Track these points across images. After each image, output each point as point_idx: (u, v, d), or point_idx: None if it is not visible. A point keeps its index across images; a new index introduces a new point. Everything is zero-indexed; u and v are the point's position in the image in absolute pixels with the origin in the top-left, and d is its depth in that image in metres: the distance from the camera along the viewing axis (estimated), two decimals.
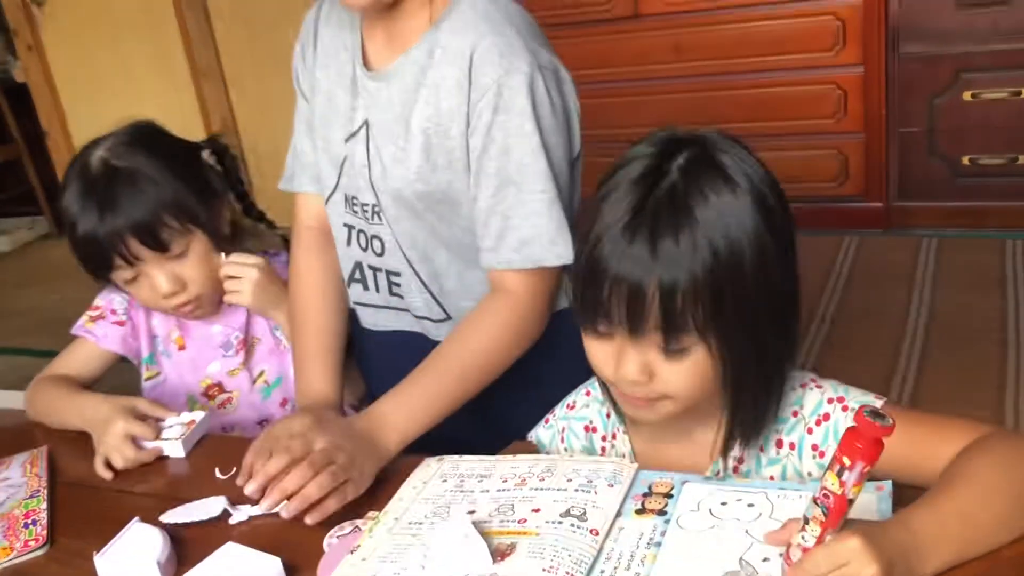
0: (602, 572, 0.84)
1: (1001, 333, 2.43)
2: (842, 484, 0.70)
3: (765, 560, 0.81)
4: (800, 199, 3.25)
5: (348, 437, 1.04)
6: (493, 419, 1.17)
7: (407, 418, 1.09)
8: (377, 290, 1.28)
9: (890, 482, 0.87)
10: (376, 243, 1.25)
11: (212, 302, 1.37)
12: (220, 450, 1.19)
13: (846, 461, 0.70)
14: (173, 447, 1.19)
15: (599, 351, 0.91)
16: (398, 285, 1.26)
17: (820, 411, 0.93)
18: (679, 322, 0.84)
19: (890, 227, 3.16)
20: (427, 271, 1.22)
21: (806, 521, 0.74)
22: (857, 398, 0.93)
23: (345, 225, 1.28)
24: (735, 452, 0.95)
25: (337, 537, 0.97)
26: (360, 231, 1.26)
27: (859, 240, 3.13)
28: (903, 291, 2.75)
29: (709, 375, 0.88)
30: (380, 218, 1.22)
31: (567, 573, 0.83)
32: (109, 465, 1.18)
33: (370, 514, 0.99)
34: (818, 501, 0.73)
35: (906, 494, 0.85)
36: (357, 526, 0.98)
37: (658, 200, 0.84)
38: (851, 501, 0.71)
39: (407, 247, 1.22)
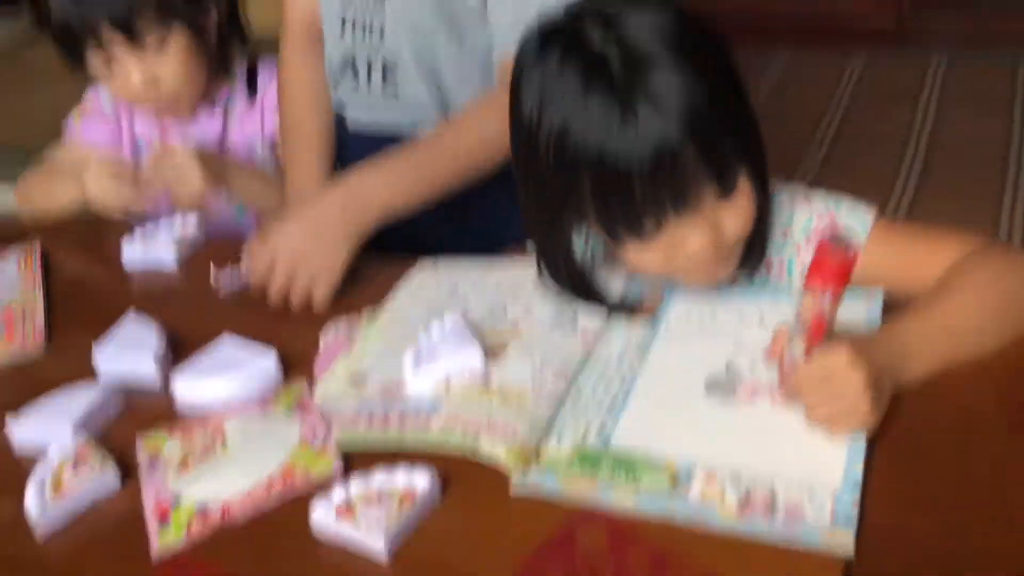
0: (591, 372, 0.86)
1: (1004, 152, 2.39)
2: (818, 307, 0.70)
3: (752, 366, 0.82)
4: (810, 16, 3.12)
5: (313, 234, 1.02)
6: (476, 228, 1.16)
7: (393, 193, 1.04)
8: (369, 83, 1.23)
9: (880, 292, 0.87)
10: (375, 31, 1.19)
11: (189, 105, 1.33)
12: (214, 254, 1.18)
13: (816, 288, 0.69)
14: (165, 253, 1.18)
15: (647, 256, 0.83)
16: (394, 74, 1.21)
17: (809, 229, 0.91)
18: (717, 157, 0.79)
19: (901, 44, 3.05)
20: (426, 59, 1.17)
21: (792, 337, 0.74)
22: (848, 211, 0.91)
23: (340, 17, 1.22)
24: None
25: (332, 334, 0.98)
26: (354, 20, 1.20)
27: (866, 59, 3.03)
28: (907, 112, 2.69)
29: (754, 200, 0.84)
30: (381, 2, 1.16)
31: (555, 373, 0.84)
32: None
33: (365, 312, 1.00)
34: (798, 321, 0.73)
35: (897, 305, 0.85)
36: (351, 324, 0.98)
37: (616, 77, 0.77)
38: (831, 320, 0.71)
39: (406, 31, 1.16)
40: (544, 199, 0.86)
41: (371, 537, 0.70)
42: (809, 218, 0.92)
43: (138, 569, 0.72)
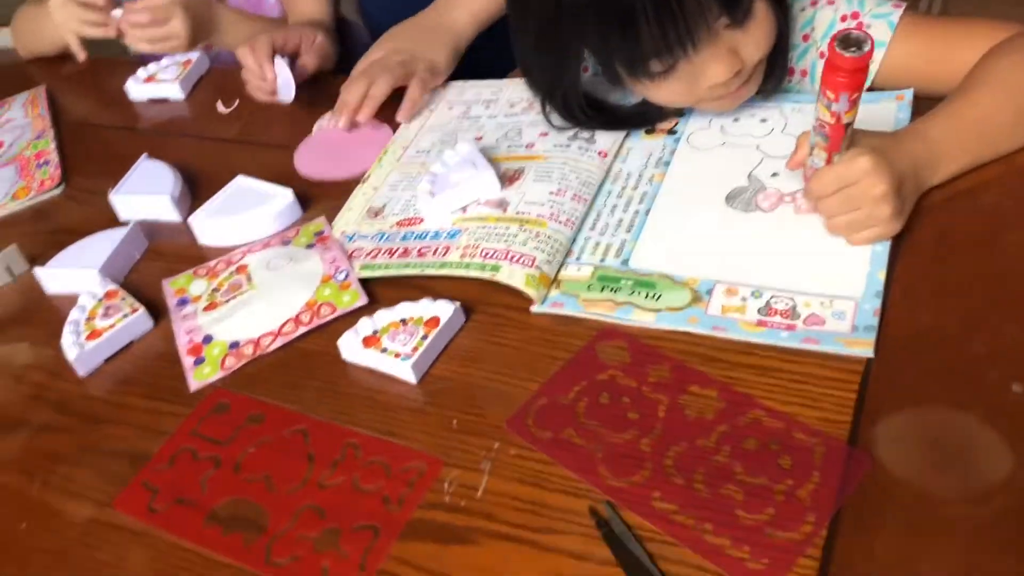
0: (609, 192, 0.84)
1: None
2: (833, 115, 0.67)
3: (774, 175, 0.80)
4: None
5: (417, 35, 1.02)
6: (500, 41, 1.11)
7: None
8: None
9: (911, 91, 0.84)
10: None
11: None
12: (220, 84, 1.15)
13: (830, 95, 0.66)
14: (171, 89, 1.15)
15: (666, 91, 0.80)
16: None
17: (833, 32, 0.86)
18: None
19: None
20: None
21: (813, 145, 0.71)
22: (872, 9, 0.85)
23: None
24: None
25: (328, 121, 1.00)
26: None
27: None
28: None
29: (772, 17, 0.79)
30: None
31: (575, 195, 0.83)
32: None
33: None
34: (816, 129, 0.70)
35: (925, 104, 0.82)
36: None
37: None
38: (849, 124, 0.68)
39: None
40: (547, 50, 0.82)
41: (398, 361, 0.71)
42: (832, 20, 0.86)
43: (177, 402, 0.75)
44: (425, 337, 0.72)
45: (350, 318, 0.77)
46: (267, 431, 0.71)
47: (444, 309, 0.74)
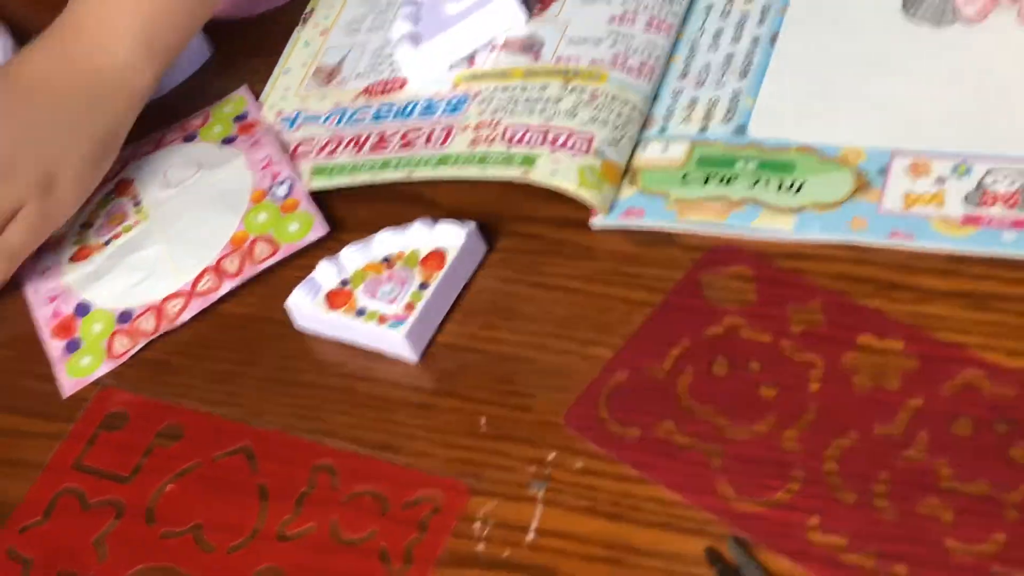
0: (708, 7, 0.84)
1: None
2: None
3: None
4: None
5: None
6: None
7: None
8: None
9: None
10: None
11: None
12: None
13: None
14: None
15: None
16: None
17: None
18: None
19: None
20: None
21: None
22: None
23: None
24: None
25: None
26: None
27: None
28: None
29: None
30: None
31: (651, 21, 0.82)
32: None
33: None
34: None
35: None
36: None
37: None
38: None
39: None
40: None
41: (384, 328, 0.71)
42: None
43: (46, 416, 0.76)
44: (424, 286, 0.72)
45: (302, 260, 0.77)
46: (189, 453, 0.72)
47: (451, 236, 0.74)
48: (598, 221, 0.74)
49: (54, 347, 0.79)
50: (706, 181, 0.73)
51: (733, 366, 0.66)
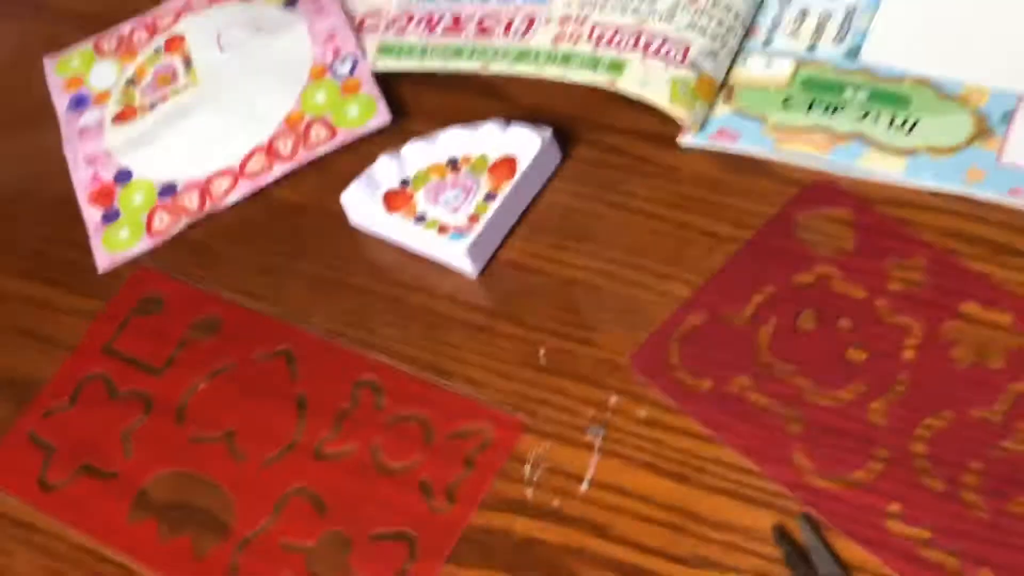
0: None
1: None
2: None
3: None
4: None
5: None
6: None
7: None
8: None
9: None
10: None
11: None
12: None
13: None
14: None
15: None
16: None
17: None
18: None
19: None
20: None
21: None
22: None
23: None
24: None
25: None
26: None
27: None
28: None
29: None
30: None
31: None
32: None
33: None
34: None
35: None
36: None
37: None
38: None
39: None
40: None
41: (445, 239, 0.70)
42: None
43: (78, 291, 0.76)
44: (491, 196, 0.71)
45: (361, 149, 0.76)
46: (226, 350, 0.71)
47: (525, 142, 0.72)
48: (687, 139, 0.73)
49: (91, 215, 0.78)
50: (810, 107, 0.72)
51: (821, 321, 0.64)
